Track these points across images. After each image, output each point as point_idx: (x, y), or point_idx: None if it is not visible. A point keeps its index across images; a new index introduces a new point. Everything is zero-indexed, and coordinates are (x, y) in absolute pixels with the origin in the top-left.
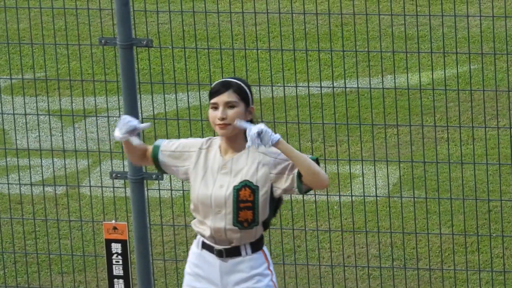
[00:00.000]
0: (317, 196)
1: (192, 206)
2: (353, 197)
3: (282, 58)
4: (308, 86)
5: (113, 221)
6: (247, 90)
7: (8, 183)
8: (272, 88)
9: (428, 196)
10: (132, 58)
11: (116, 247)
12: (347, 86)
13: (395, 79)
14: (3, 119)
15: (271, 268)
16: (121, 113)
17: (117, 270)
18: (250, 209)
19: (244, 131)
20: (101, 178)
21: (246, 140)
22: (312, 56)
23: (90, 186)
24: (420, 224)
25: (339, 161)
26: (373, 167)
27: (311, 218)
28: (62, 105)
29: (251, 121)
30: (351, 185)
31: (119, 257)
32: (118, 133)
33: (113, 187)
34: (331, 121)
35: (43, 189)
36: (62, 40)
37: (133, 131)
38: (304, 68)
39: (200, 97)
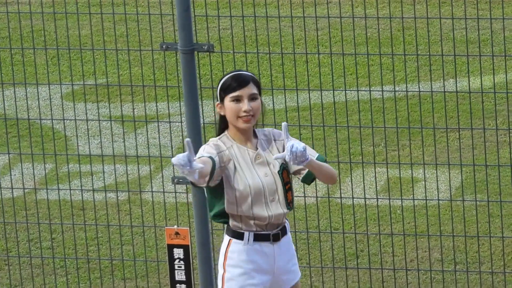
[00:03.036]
0: (379, 200)
1: (230, 205)
2: (415, 201)
3: (344, 62)
4: (370, 90)
5: (175, 227)
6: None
7: (70, 189)
8: (333, 93)
9: (491, 200)
10: (193, 63)
11: (178, 253)
12: (409, 90)
13: (456, 83)
14: (65, 126)
15: None
16: (183, 118)
17: (180, 276)
18: (290, 189)
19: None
20: (163, 184)
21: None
22: (374, 60)
23: (152, 192)
24: (482, 228)
25: (401, 165)
26: (435, 171)
27: (373, 223)
28: (124, 111)
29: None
30: (413, 189)
31: (181, 262)
32: (191, 173)
33: (175, 193)
34: (393, 125)
35: (105, 195)
36: (124, 46)
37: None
38: (366, 72)
39: (262, 102)
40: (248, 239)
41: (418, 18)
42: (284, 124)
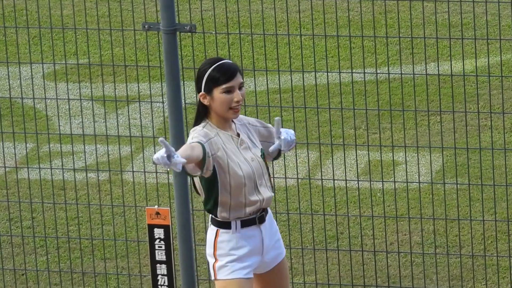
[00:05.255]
0: (360, 183)
1: (224, 194)
2: (396, 184)
3: (326, 45)
4: (352, 73)
5: (156, 207)
6: None
7: (51, 169)
8: (315, 75)
9: (471, 183)
10: (175, 43)
11: (158, 233)
12: (390, 73)
13: (438, 66)
14: (46, 105)
15: None
16: (164, 99)
17: (160, 256)
18: (269, 174)
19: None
20: (144, 164)
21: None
22: (356, 43)
23: (133, 172)
24: (463, 211)
25: (382, 148)
26: (416, 154)
27: (354, 205)
28: (105, 91)
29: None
30: (394, 172)
31: (162, 242)
32: (176, 166)
33: (156, 173)
34: (375, 108)
35: (86, 175)
36: (106, 26)
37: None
38: (348, 55)
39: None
40: (236, 227)
41: (400, 1)
42: (277, 119)
